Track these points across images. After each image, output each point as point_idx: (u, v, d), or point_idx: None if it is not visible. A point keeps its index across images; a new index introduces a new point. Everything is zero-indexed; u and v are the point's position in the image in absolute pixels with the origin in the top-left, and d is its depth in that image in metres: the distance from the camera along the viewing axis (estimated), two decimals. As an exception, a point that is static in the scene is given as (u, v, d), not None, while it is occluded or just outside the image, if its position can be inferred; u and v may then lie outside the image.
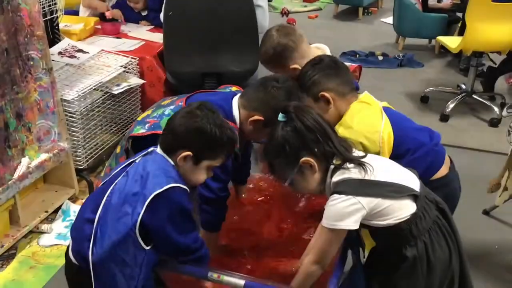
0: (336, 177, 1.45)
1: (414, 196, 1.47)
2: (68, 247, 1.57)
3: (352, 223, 1.40)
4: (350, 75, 1.89)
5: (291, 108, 1.48)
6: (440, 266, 1.50)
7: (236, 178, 2.15)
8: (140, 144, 1.77)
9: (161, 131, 1.72)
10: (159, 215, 1.42)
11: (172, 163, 1.48)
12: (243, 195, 2.18)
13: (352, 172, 1.44)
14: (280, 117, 1.49)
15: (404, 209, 1.44)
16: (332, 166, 1.47)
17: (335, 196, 1.41)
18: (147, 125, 1.83)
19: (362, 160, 1.46)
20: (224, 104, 1.81)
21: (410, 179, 1.50)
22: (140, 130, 1.84)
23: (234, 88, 2.07)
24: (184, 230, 1.47)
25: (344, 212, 1.40)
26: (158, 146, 1.52)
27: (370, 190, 1.41)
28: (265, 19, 3.00)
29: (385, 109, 1.78)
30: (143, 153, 1.54)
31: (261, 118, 1.74)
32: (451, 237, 1.53)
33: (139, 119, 1.94)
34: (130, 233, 1.42)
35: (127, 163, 1.55)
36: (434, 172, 1.71)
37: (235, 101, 1.83)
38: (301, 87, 1.79)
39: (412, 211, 1.45)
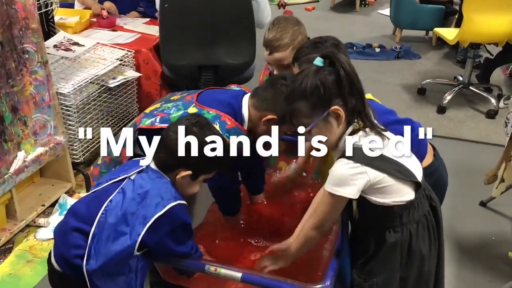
0: (353, 139, 1.41)
1: (416, 185, 1.46)
2: (50, 253, 1.55)
3: (354, 192, 1.38)
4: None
5: (332, 54, 1.43)
6: (418, 259, 1.49)
7: (251, 188, 2.09)
8: (146, 136, 1.75)
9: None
10: (160, 234, 1.43)
11: (168, 179, 1.48)
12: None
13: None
14: (318, 61, 1.42)
15: (403, 193, 1.44)
16: (353, 126, 1.43)
17: (344, 160, 1.38)
18: (157, 118, 1.81)
19: (382, 132, 1.43)
20: (234, 102, 1.81)
21: (417, 168, 1.49)
22: (147, 122, 1.82)
23: (242, 88, 2.05)
24: (182, 241, 1.49)
25: (349, 179, 1.37)
26: (152, 162, 1.50)
27: (380, 163, 1.39)
28: (263, 15, 2.99)
29: (369, 102, 1.78)
30: (137, 170, 1.51)
31: (274, 116, 1.74)
32: (434, 236, 1.53)
33: (147, 111, 1.91)
34: (128, 252, 1.42)
35: (120, 178, 1.52)
36: (420, 162, 1.71)
37: (245, 100, 1.82)
38: (295, 58, 1.79)
39: (409, 198, 1.44)
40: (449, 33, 4.15)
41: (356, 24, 6.31)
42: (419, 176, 1.48)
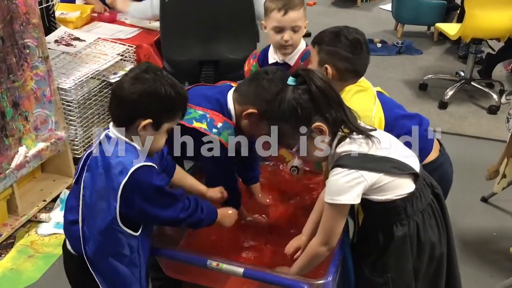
0: (341, 147, 1.43)
1: (414, 176, 1.47)
2: (65, 239, 1.56)
3: (354, 197, 1.38)
4: (365, 65, 1.82)
5: (302, 72, 1.45)
6: (429, 248, 1.50)
7: (246, 178, 2.08)
8: None
9: None
10: (134, 203, 1.38)
11: (128, 140, 1.41)
12: (259, 195, 2.10)
13: (358, 143, 1.42)
14: (290, 81, 1.44)
15: (403, 186, 1.44)
16: (339, 135, 1.44)
17: (338, 169, 1.39)
18: None
19: (369, 133, 1.44)
20: (220, 97, 1.80)
21: (412, 159, 1.49)
22: None
23: (233, 84, 2.04)
24: (165, 205, 1.44)
25: (346, 186, 1.38)
26: (110, 127, 1.45)
27: (374, 164, 1.40)
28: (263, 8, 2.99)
29: (378, 95, 1.78)
30: (97, 143, 1.47)
31: (255, 110, 1.72)
32: (441, 222, 1.54)
33: None
34: (113, 227, 1.40)
35: (85, 155, 1.49)
36: (424, 157, 1.72)
37: (230, 94, 1.81)
38: (317, 41, 1.75)
39: (410, 190, 1.45)
40: (451, 28, 4.14)
41: (358, 19, 6.29)
42: (416, 166, 1.48)
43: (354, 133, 1.43)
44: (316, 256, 1.50)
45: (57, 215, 2.69)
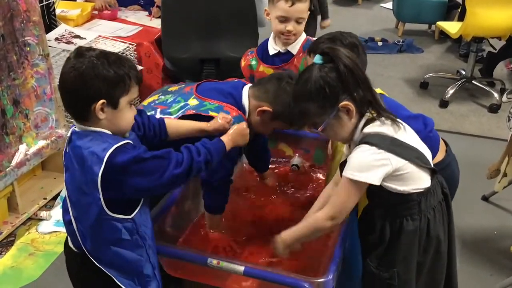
0: (369, 128, 1.40)
1: (431, 171, 1.46)
2: (66, 237, 1.55)
3: (376, 178, 1.35)
4: (363, 67, 1.84)
5: (329, 50, 1.41)
6: (435, 243, 1.50)
7: (257, 166, 2.19)
8: None
9: (171, 117, 1.72)
10: (125, 184, 1.34)
11: (94, 128, 1.37)
12: (267, 180, 2.18)
13: (386, 126, 1.39)
14: (317, 59, 1.41)
15: (421, 180, 1.43)
16: (366, 116, 1.42)
17: (366, 146, 1.36)
18: (157, 111, 1.79)
19: (395, 119, 1.42)
20: (234, 92, 1.80)
21: (428, 154, 1.49)
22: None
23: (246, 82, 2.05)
24: (154, 170, 1.37)
25: (372, 165, 1.35)
26: (75, 123, 1.42)
27: (401, 150, 1.38)
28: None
29: (380, 97, 1.77)
30: (67, 141, 1.46)
31: (270, 109, 1.73)
32: (447, 221, 1.54)
33: (144, 103, 1.90)
34: (104, 218, 1.38)
35: (63, 157, 1.49)
36: (431, 159, 1.70)
37: (246, 90, 1.82)
38: (311, 50, 1.74)
39: (427, 185, 1.44)
40: (452, 27, 4.13)
41: (359, 17, 6.29)
42: (431, 162, 1.48)
43: (383, 117, 1.40)
44: (319, 229, 1.46)
45: (58, 213, 2.68)
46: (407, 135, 1.43)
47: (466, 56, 4.49)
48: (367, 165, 1.36)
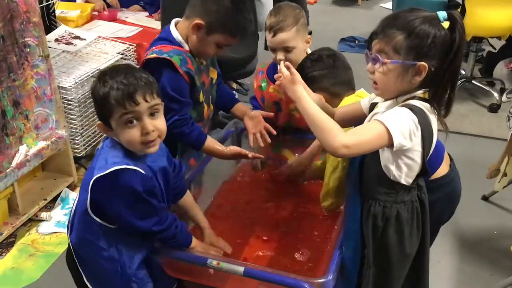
0: (416, 102, 1.35)
1: (422, 173, 1.45)
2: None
3: (401, 139, 1.29)
4: (349, 73, 1.89)
5: (456, 17, 1.33)
6: (395, 231, 1.47)
7: (225, 104, 2.12)
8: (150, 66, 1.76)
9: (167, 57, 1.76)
10: (105, 193, 1.36)
11: (116, 138, 1.38)
12: (249, 113, 2.05)
13: (432, 115, 1.36)
14: (442, 14, 1.35)
15: (410, 175, 1.42)
16: (422, 91, 1.38)
17: (411, 112, 1.31)
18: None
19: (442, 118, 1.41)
20: (164, 34, 1.86)
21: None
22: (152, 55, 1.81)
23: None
24: (141, 213, 1.40)
25: (403, 125, 1.30)
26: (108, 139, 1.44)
27: (428, 138, 1.36)
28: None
29: None
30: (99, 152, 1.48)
31: (201, 22, 1.70)
32: (418, 224, 1.50)
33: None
34: (87, 217, 1.42)
35: None
36: (434, 170, 1.64)
37: (172, 24, 1.84)
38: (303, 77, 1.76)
39: (409, 181, 1.43)
40: (451, 27, 4.12)
41: (358, 17, 6.28)
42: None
43: (435, 106, 1.36)
44: (329, 142, 1.30)
45: (58, 213, 2.69)
46: (435, 135, 1.42)
47: (466, 56, 4.46)
48: (400, 123, 1.30)
